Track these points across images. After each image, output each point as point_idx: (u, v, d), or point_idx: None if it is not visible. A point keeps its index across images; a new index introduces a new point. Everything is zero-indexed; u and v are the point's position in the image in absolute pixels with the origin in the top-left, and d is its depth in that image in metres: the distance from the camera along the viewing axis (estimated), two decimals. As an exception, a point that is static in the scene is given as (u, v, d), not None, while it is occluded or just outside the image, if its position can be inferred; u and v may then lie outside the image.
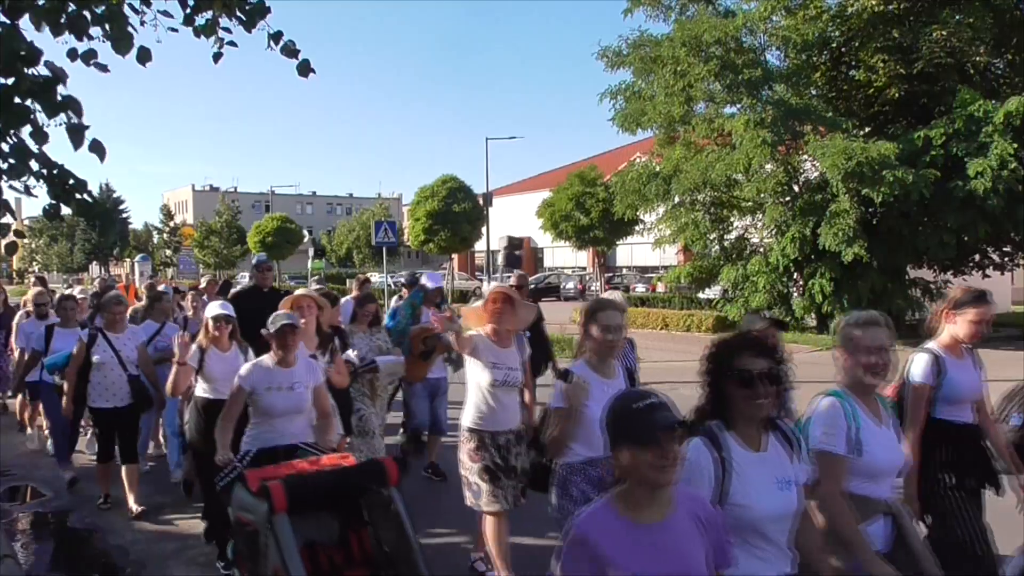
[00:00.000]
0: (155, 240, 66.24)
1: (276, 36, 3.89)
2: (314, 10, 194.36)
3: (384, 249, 26.60)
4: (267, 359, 4.57)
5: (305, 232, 53.46)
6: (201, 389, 5.42)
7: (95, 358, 6.28)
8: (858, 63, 18.87)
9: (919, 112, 18.59)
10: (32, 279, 14.13)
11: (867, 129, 18.85)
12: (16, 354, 8.80)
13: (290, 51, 3.93)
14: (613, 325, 3.95)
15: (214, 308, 5.56)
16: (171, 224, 61.66)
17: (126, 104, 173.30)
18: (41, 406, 8.29)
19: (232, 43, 3.94)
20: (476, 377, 4.65)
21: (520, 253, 20.40)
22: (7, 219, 3.19)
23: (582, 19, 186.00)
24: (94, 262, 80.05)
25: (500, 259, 18.72)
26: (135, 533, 6.07)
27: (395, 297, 10.20)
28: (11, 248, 6.59)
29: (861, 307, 19.37)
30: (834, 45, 19.42)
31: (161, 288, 8.93)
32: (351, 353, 5.93)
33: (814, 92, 19.59)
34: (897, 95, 18.21)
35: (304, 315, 5.18)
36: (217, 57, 3.97)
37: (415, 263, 69.89)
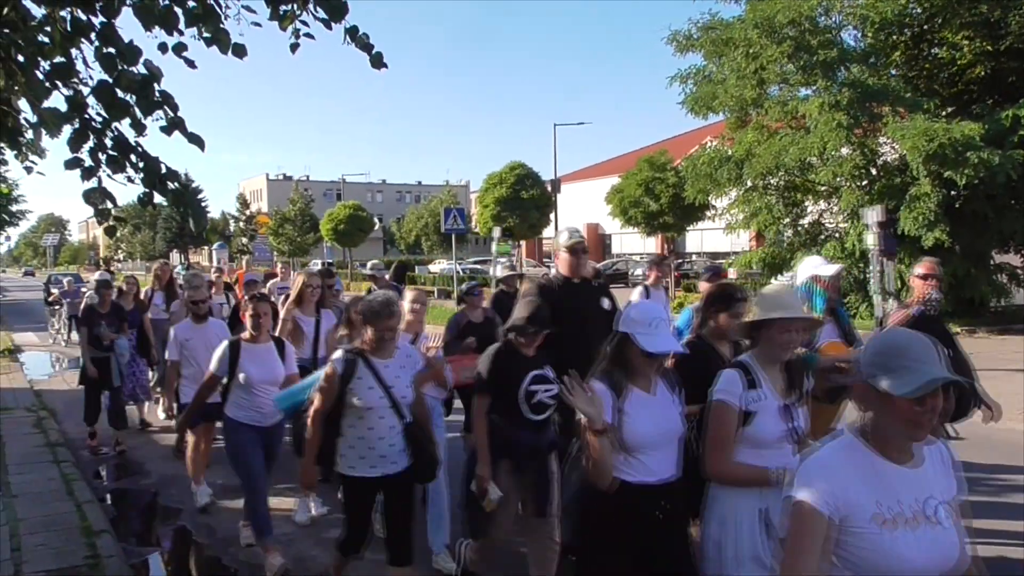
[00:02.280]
0: (232, 228, 68.23)
1: (352, 31, 4.00)
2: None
3: (453, 236, 26.92)
4: None
5: (375, 220, 54.32)
6: None
7: (356, 400, 4.05)
8: (941, 40, 18.18)
9: (1007, 90, 17.80)
10: (157, 264, 11.57)
11: (950, 109, 18.17)
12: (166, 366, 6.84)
13: (364, 45, 4.03)
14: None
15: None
16: (247, 212, 63.39)
17: (202, 94, 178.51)
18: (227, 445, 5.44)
19: (309, 35, 4.07)
20: None
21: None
22: (107, 205, 3.41)
23: (650, 3, 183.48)
24: (175, 250, 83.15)
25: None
26: (220, 513, 6.35)
27: None
28: (111, 231, 6.13)
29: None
30: (915, 23, 18.73)
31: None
32: None
33: (893, 72, 18.95)
34: (983, 73, 17.48)
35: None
36: (294, 48, 4.10)
37: (483, 250, 70.37)
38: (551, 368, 4.22)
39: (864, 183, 18.73)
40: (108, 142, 3.30)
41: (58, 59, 3.18)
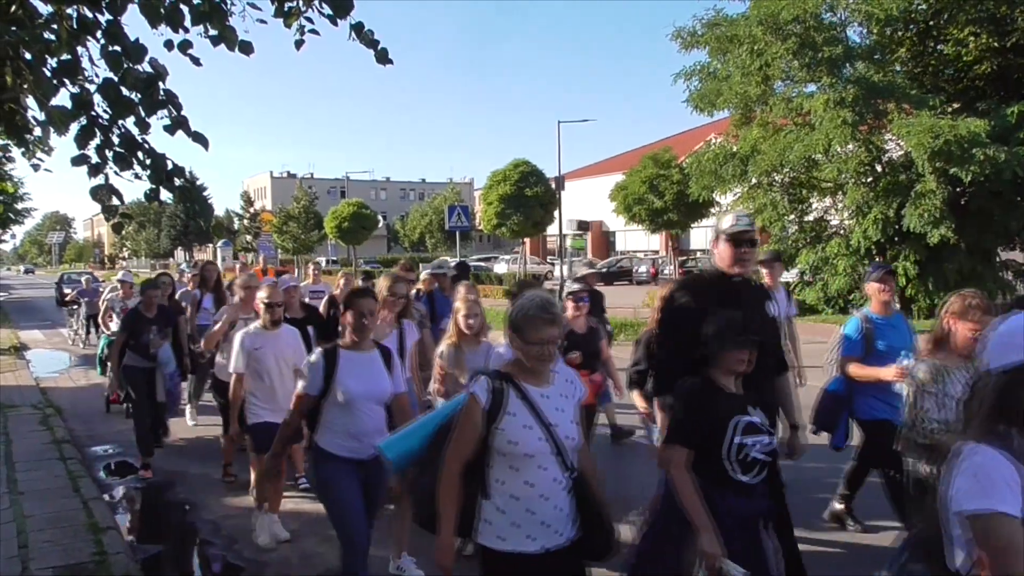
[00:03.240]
0: (236, 225, 68.35)
1: (358, 27, 4.00)
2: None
3: (457, 233, 26.90)
4: None
5: (379, 217, 54.36)
6: None
7: (508, 444, 2.87)
8: (946, 37, 18.13)
9: (1013, 87, 17.76)
10: (201, 263, 10.83)
11: (955, 106, 18.12)
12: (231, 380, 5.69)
13: (370, 41, 4.03)
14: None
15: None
16: (251, 210, 63.50)
17: (206, 91, 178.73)
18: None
19: (314, 31, 4.06)
20: None
21: None
22: (114, 202, 3.42)
23: (655, 1, 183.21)
24: (179, 247, 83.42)
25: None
26: (227, 509, 6.36)
27: None
28: (118, 228, 5.72)
29: (948, 290, 18.80)
30: (920, 19, 18.68)
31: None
32: None
33: (898, 68, 18.90)
34: (989, 69, 17.42)
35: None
36: (299, 44, 4.09)
37: (487, 247, 70.36)
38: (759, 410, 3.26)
39: (869, 180, 18.68)
40: (115, 139, 3.31)
41: (64, 57, 3.18)
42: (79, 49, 3.19)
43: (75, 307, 19.05)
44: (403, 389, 4.30)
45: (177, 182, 3.66)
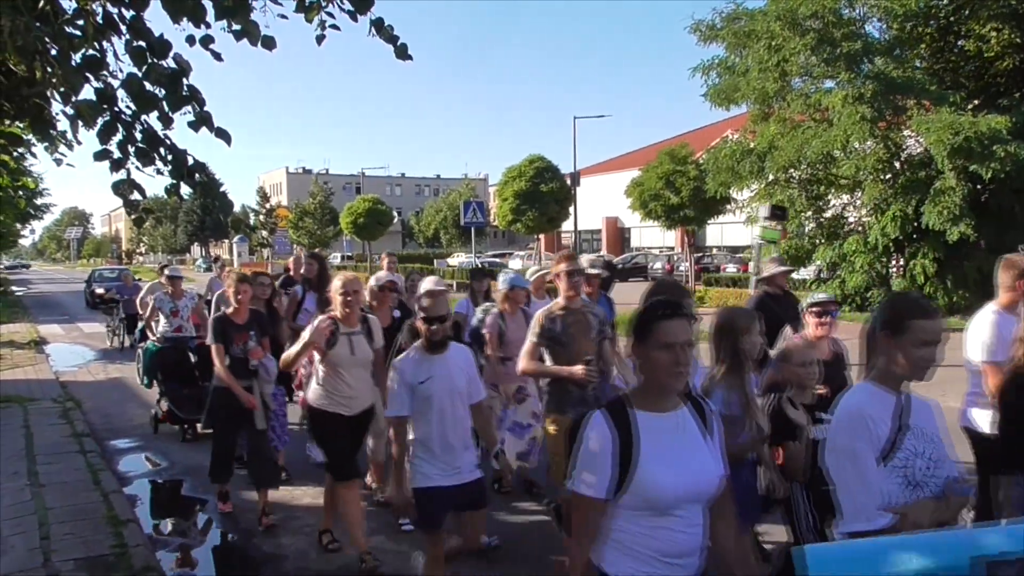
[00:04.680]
0: (252, 221, 68.70)
1: (378, 23, 3.99)
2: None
3: (472, 229, 26.90)
4: None
5: (394, 213, 54.44)
6: None
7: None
8: (967, 32, 17.92)
9: (1035, 84, 17.57)
10: (302, 254, 9.05)
11: (976, 102, 17.93)
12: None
13: (390, 36, 4.02)
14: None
15: None
16: (267, 206, 63.83)
17: (222, 87, 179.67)
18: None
19: (335, 27, 4.06)
20: None
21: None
22: (136, 196, 3.44)
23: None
24: (195, 243, 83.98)
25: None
26: (244, 503, 6.38)
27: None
28: (139, 222, 3.51)
29: (967, 289, 18.49)
30: (941, 14, 18.48)
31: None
32: None
33: (918, 64, 18.71)
34: (1011, 65, 17.21)
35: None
36: (320, 39, 4.08)
37: (502, 243, 70.37)
38: None
39: (888, 177, 18.53)
40: (137, 135, 3.33)
41: (89, 52, 3.20)
42: (104, 44, 3.21)
43: (112, 305, 17.42)
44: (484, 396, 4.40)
45: (198, 177, 3.67)
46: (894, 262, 19.04)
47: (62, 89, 3.11)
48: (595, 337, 4.67)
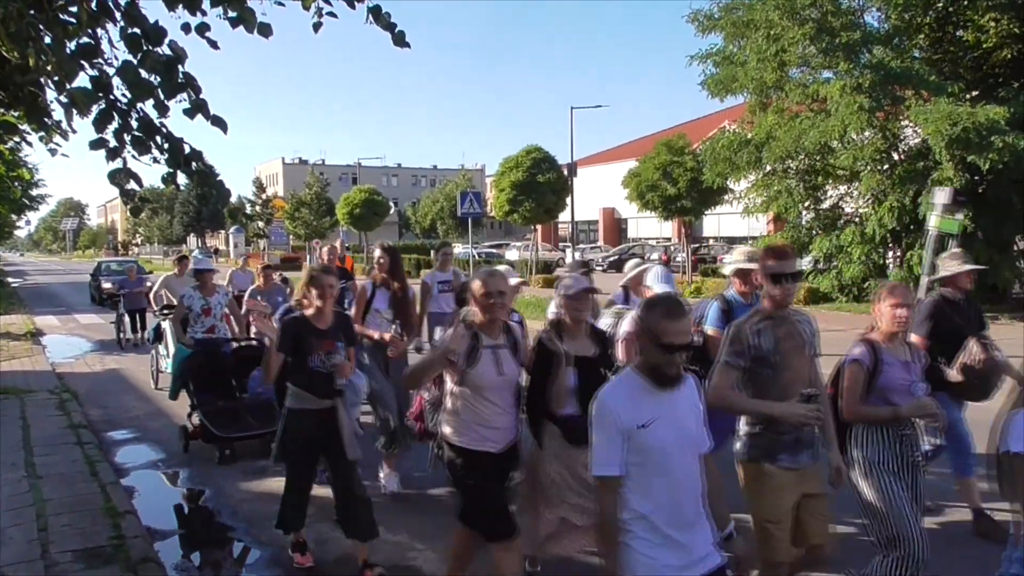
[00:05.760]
0: (248, 211, 68.49)
1: (375, 10, 3.95)
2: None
3: (469, 220, 26.83)
4: None
5: (391, 203, 54.31)
6: None
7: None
8: (966, 22, 17.88)
9: (1033, 74, 17.53)
10: (380, 247, 6.69)
11: (975, 93, 17.90)
12: None
13: (387, 24, 3.98)
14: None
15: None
16: (263, 196, 63.66)
17: (218, 76, 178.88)
18: None
19: (332, 14, 4.02)
20: None
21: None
22: (132, 185, 3.41)
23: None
24: (191, 234, 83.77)
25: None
26: (243, 493, 6.39)
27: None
28: (136, 211, 3.41)
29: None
30: (940, 4, 18.43)
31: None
32: None
33: (917, 54, 18.67)
34: (1009, 56, 17.18)
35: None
36: (317, 27, 4.05)
37: (499, 234, 70.29)
38: None
39: (885, 167, 18.52)
40: (133, 123, 3.30)
41: (84, 40, 3.16)
42: (98, 32, 3.17)
43: (119, 300, 15.77)
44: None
45: (194, 166, 3.64)
46: (891, 253, 19.05)
47: (56, 77, 3.07)
48: (809, 355, 3.66)
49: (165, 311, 10.38)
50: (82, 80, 3.21)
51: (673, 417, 2.80)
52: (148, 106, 3.32)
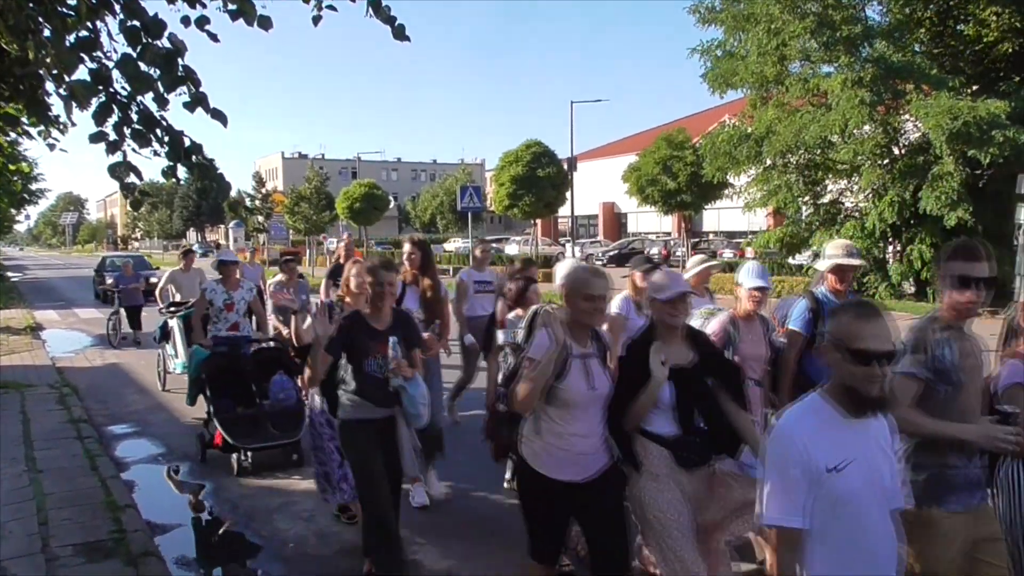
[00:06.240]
0: (248, 205, 68.39)
1: (375, 3, 3.93)
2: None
3: (469, 214, 26.80)
4: None
5: (391, 198, 54.26)
6: None
7: None
8: (967, 16, 17.87)
9: (1034, 68, 17.52)
10: (409, 241, 6.41)
11: (975, 87, 17.89)
12: None
13: (387, 17, 3.97)
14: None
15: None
16: (263, 191, 63.58)
17: (217, 70, 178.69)
18: None
19: (332, 7, 4.01)
20: None
21: None
22: (132, 179, 3.40)
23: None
24: (191, 228, 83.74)
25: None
26: (242, 488, 6.37)
27: None
28: (136, 205, 3.48)
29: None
30: (941, -2, 18.42)
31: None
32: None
33: (917, 49, 18.65)
34: (1010, 50, 17.17)
35: None
36: (316, 20, 4.03)
37: (499, 228, 70.26)
38: None
39: (886, 162, 18.51)
40: (133, 116, 3.28)
41: (83, 32, 3.15)
42: (97, 24, 3.16)
43: (116, 295, 15.03)
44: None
45: (195, 159, 3.63)
46: (891, 247, 19.04)
47: (55, 70, 3.05)
48: (982, 384, 3.10)
49: (172, 308, 10.17)
50: (81, 73, 3.21)
51: (865, 459, 2.29)
52: (148, 99, 3.32)
